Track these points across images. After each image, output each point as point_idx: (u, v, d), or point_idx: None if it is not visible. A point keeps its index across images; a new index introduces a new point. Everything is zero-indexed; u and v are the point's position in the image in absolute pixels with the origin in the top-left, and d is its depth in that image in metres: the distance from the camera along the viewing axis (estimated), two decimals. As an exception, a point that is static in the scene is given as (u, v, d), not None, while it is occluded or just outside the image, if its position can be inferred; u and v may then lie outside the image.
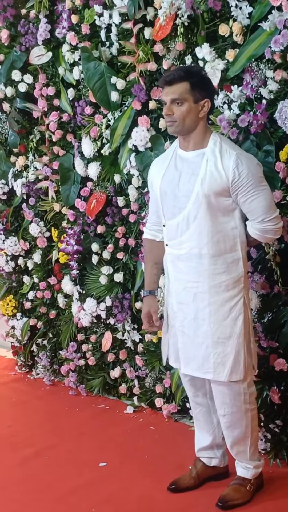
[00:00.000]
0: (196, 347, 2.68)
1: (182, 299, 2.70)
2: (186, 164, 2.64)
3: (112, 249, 4.04)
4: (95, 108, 3.99)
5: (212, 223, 2.58)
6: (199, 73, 2.67)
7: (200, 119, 2.60)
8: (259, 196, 2.56)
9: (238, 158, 2.53)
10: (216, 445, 2.96)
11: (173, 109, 2.58)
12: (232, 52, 3.09)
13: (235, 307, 2.63)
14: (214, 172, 2.55)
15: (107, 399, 4.21)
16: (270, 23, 2.88)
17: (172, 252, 2.71)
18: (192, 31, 3.29)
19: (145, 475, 3.14)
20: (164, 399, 3.80)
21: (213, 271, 2.61)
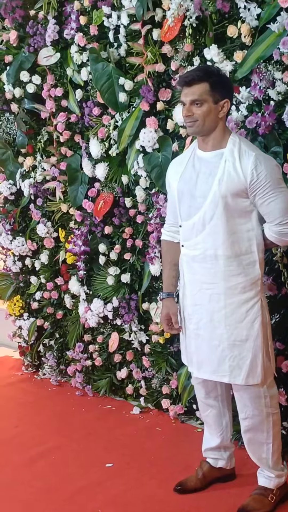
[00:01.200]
0: (212, 350, 2.65)
1: (197, 300, 2.67)
2: (204, 164, 2.62)
3: (119, 250, 4.04)
4: (103, 109, 3.99)
5: (228, 224, 2.55)
6: (218, 73, 2.63)
7: (219, 119, 2.58)
8: (277, 198, 2.52)
9: (257, 159, 2.51)
10: (224, 446, 2.95)
11: (192, 110, 2.55)
12: (240, 54, 3.09)
13: (251, 309, 2.60)
14: (232, 172, 2.52)
15: (114, 400, 4.21)
16: (278, 25, 2.88)
17: (187, 253, 2.69)
18: (201, 32, 3.29)
19: (151, 476, 3.14)
20: (170, 400, 3.80)
21: (229, 273, 2.58)
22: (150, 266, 3.77)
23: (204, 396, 2.90)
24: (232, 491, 2.93)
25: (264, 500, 2.74)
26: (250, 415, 2.70)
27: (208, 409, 2.93)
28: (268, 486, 2.76)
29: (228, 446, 2.97)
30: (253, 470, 2.83)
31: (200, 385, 2.88)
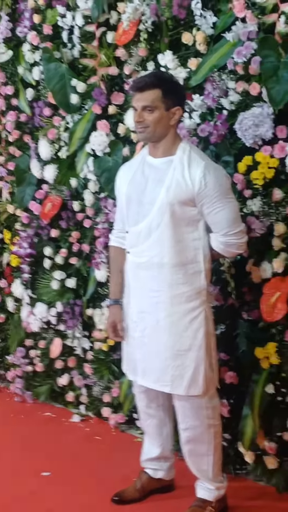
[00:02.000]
0: (155, 359, 2.61)
1: (143, 308, 2.63)
2: (154, 170, 2.59)
3: (66, 254, 3.97)
4: (54, 110, 3.94)
5: (175, 232, 2.52)
6: (171, 79, 2.62)
7: (171, 126, 2.55)
8: (225, 209, 2.51)
9: (206, 168, 2.48)
10: (164, 457, 2.91)
11: (144, 116, 2.52)
12: (194, 61, 3.08)
13: (196, 319, 2.56)
14: (181, 180, 2.49)
15: (54, 407, 4.13)
16: (234, 34, 2.88)
17: (133, 260, 2.65)
18: (156, 37, 3.27)
19: (89, 486, 3.08)
20: (111, 409, 3.75)
21: (175, 281, 2.54)
22: (96, 271, 3.72)
23: (145, 405, 2.86)
24: (171, 503, 2.89)
25: None
26: (191, 426, 2.66)
27: (149, 419, 2.88)
28: (208, 498, 2.73)
29: (168, 457, 2.93)
30: (192, 482, 2.80)
31: (143, 394, 2.83)
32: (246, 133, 2.87)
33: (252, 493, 2.93)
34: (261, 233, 2.89)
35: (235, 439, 3.08)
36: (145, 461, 2.95)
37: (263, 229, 2.87)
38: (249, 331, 2.98)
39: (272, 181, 2.84)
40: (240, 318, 3.01)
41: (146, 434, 2.96)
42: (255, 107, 2.85)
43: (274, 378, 2.89)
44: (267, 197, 2.86)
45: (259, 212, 2.88)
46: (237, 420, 3.03)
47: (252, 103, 2.88)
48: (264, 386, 2.89)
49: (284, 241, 2.84)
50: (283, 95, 2.74)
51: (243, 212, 2.94)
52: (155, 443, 2.90)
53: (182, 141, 2.60)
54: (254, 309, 2.96)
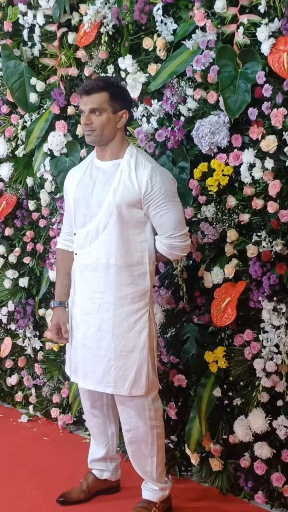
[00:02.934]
0: (97, 360, 2.62)
1: (87, 309, 2.65)
2: (101, 173, 2.62)
3: (19, 253, 3.96)
4: (12, 108, 3.91)
5: (121, 234, 2.56)
6: (118, 84, 2.67)
7: (118, 129, 2.59)
8: (170, 211, 2.56)
9: (152, 170, 2.54)
10: (109, 457, 2.93)
11: (91, 118, 2.55)
12: (154, 66, 3.10)
13: (139, 320, 2.60)
14: (128, 182, 2.54)
15: (2, 407, 4.10)
16: (193, 42, 2.92)
17: (80, 262, 2.67)
18: (116, 41, 3.29)
19: (34, 487, 3.07)
20: (60, 410, 3.74)
21: (120, 282, 2.58)
22: (49, 271, 3.71)
23: (89, 406, 2.87)
24: (116, 503, 2.91)
25: None
26: (134, 426, 2.69)
27: (93, 419, 2.90)
28: (152, 499, 2.75)
29: (114, 458, 2.94)
30: (137, 483, 2.82)
31: (86, 395, 2.85)
32: (202, 140, 2.91)
33: (196, 494, 2.98)
34: (214, 239, 2.93)
35: (181, 441, 3.11)
36: (91, 462, 2.96)
37: (216, 235, 2.92)
38: (199, 335, 3.02)
39: (226, 188, 2.89)
40: (191, 322, 3.05)
41: (91, 435, 2.97)
42: (212, 115, 2.89)
43: (222, 381, 2.94)
44: (220, 204, 2.90)
45: (213, 218, 2.92)
46: (184, 422, 3.07)
47: (210, 111, 2.92)
48: (212, 389, 2.93)
49: (236, 247, 2.89)
50: (239, 104, 2.78)
51: (197, 217, 2.98)
52: (101, 444, 2.91)
53: (130, 145, 2.65)
54: (204, 314, 3.00)
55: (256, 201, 2.80)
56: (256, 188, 2.81)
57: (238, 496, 2.94)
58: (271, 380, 2.77)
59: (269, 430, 2.79)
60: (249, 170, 2.80)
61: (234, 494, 2.96)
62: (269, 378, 2.77)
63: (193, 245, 2.97)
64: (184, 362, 3.08)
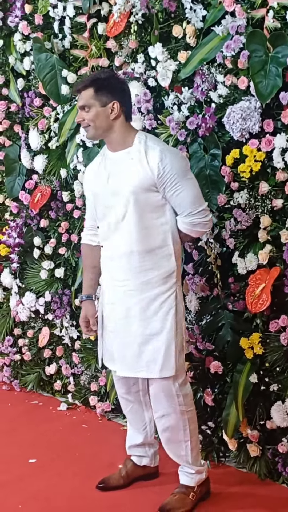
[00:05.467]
0: (127, 347, 2.65)
1: (112, 298, 2.70)
2: (114, 164, 2.66)
3: (55, 244, 4.00)
4: (44, 100, 3.94)
5: (140, 219, 2.59)
6: (105, 76, 2.66)
7: (113, 121, 2.61)
8: (184, 189, 2.58)
9: (161, 152, 2.55)
10: (148, 443, 2.96)
11: (83, 115, 2.62)
12: (184, 54, 3.10)
13: (165, 302, 2.62)
14: (140, 168, 2.57)
15: (41, 396, 4.17)
16: (223, 28, 2.90)
17: (105, 253, 2.72)
18: (146, 30, 3.29)
19: (75, 473, 3.12)
20: (98, 397, 3.79)
21: (142, 268, 2.60)
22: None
23: (125, 392, 2.91)
24: (155, 489, 2.93)
25: (185, 498, 2.73)
26: (165, 413, 2.70)
27: (129, 405, 2.93)
28: (189, 483, 2.77)
29: (152, 443, 2.97)
30: (175, 469, 2.84)
31: (121, 382, 2.88)
32: (233, 126, 2.90)
33: (234, 480, 2.98)
34: (247, 225, 2.92)
35: (218, 427, 3.13)
36: (129, 448, 2.99)
37: (249, 221, 2.91)
38: (234, 321, 3.02)
39: (259, 174, 2.87)
40: (226, 308, 3.05)
41: (128, 421, 3.01)
42: (243, 101, 2.88)
43: (258, 367, 2.94)
44: (253, 190, 2.89)
45: (246, 204, 2.91)
46: (221, 409, 3.08)
47: (240, 96, 2.91)
48: (248, 375, 2.93)
49: (269, 233, 2.87)
50: (270, 89, 2.76)
51: (230, 204, 2.98)
52: (138, 429, 2.95)
53: (138, 132, 2.67)
54: (239, 300, 3.00)
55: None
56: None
57: (277, 481, 2.94)
58: (308, 365, 2.76)
59: (306, 415, 2.78)
60: (281, 155, 2.78)
61: (273, 479, 2.96)
62: (305, 363, 2.76)
63: (226, 231, 2.97)
64: (220, 349, 3.09)
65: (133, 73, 3.34)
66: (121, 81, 2.73)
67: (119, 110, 2.60)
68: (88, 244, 2.91)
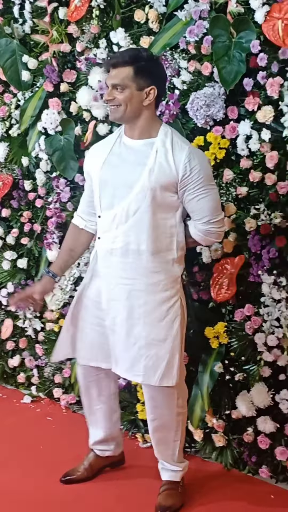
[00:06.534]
0: (127, 348, 2.51)
1: (114, 296, 2.51)
2: (132, 152, 2.45)
3: (17, 234, 3.93)
4: (4, 87, 3.87)
5: (153, 218, 2.41)
6: (147, 58, 2.42)
7: (144, 107, 2.41)
8: (208, 196, 2.42)
9: (190, 153, 2.39)
10: (111, 438, 2.91)
11: (114, 94, 2.39)
12: (147, 39, 3.06)
13: (172, 308, 2.48)
14: (164, 164, 2.38)
15: (5, 388, 4.09)
16: (186, 13, 2.87)
17: (104, 247, 2.50)
18: (108, 14, 3.23)
19: (38, 466, 3.07)
20: (63, 390, 3.73)
21: (151, 269, 2.44)
22: (47, 251, 3.68)
23: (97, 394, 2.81)
24: (119, 482, 2.90)
25: (176, 493, 2.69)
26: (160, 415, 2.61)
27: (99, 405, 2.84)
28: (175, 479, 2.71)
29: (116, 436, 2.93)
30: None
31: (95, 383, 2.76)
32: (197, 113, 2.86)
33: (201, 471, 2.97)
34: (212, 214, 2.89)
35: (184, 418, 3.10)
36: (93, 444, 2.94)
37: (214, 210, 2.88)
38: (199, 311, 2.99)
39: (223, 162, 2.85)
40: (191, 298, 3.02)
41: (92, 420, 2.89)
42: (206, 87, 2.85)
43: (223, 357, 2.92)
44: (217, 178, 2.86)
45: (210, 192, 2.88)
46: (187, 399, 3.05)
47: (204, 83, 2.88)
48: (213, 365, 2.92)
49: (234, 221, 2.85)
50: (234, 75, 2.74)
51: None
52: (103, 428, 2.87)
53: (163, 124, 2.49)
54: (204, 290, 2.98)
55: (253, 174, 2.77)
56: (254, 161, 2.78)
57: (243, 471, 2.94)
58: (273, 354, 2.75)
59: (272, 404, 2.78)
60: (245, 142, 2.77)
61: (239, 469, 2.95)
62: (270, 352, 2.75)
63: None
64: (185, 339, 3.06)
65: (96, 58, 3.28)
66: (160, 64, 2.54)
67: (154, 97, 2.40)
68: (75, 225, 2.70)
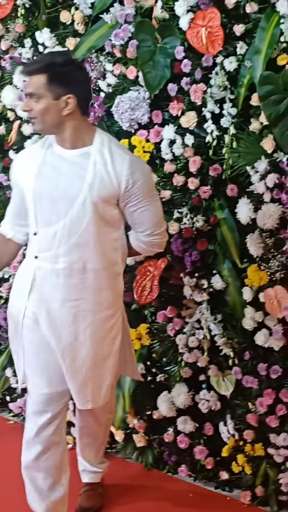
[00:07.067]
0: (74, 374, 2.28)
1: (57, 320, 2.27)
2: (67, 163, 2.24)
3: None
4: None
5: (97, 233, 2.23)
6: (62, 63, 2.17)
7: (66, 117, 2.18)
8: (150, 208, 2.28)
9: (131, 164, 2.21)
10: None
11: (31, 105, 2.19)
12: (72, 41, 3.05)
13: (115, 325, 2.35)
14: (105, 176, 2.20)
15: None
16: (111, 16, 2.87)
17: (45, 266, 2.26)
18: (34, 14, 3.20)
19: None
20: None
21: (98, 286, 2.27)
22: None
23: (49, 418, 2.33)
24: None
25: (96, 494, 2.69)
26: (88, 423, 2.58)
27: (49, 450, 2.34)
28: (95, 480, 2.72)
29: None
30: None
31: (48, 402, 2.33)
32: (122, 116, 2.88)
33: (121, 471, 2.98)
34: (135, 216, 2.92)
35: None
36: None
37: (137, 212, 2.90)
38: (122, 312, 3.01)
39: (147, 165, 2.87)
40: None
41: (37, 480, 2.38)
42: (131, 91, 2.87)
43: (145, 358, 2.95)
44: (141, 181, 2.88)
45: (134, 195, 2.90)
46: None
47: (129, 86, 2.90)
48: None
49: (157, 225, 2.88)
50: (159, 80, 2.77)
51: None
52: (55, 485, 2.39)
53: (97, 131, 2.28)
54: (127, 291, 2.99)
55: (177, 178, 2.81)
56: (177, 165, 2.81)
57: (162, 471, 2.98)
58: (194, 355, 2.80)
59: (191, 404, 2.83)
60: (169, 146, 2.80)
61: (159, 469, 2.99)
62: (191, 353, 2.80)
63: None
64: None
65: (20, 58, 3.25)
66: (80, 68, 2.27)
67: (74, 105, 2.17)
68: (2, 234, 2.43)
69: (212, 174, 2.73)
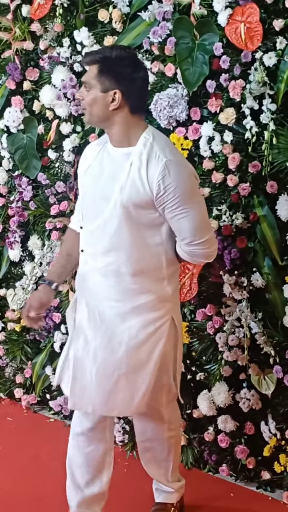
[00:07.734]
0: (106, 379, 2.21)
1: (93, 317, 2.24)
2: (110, 162, 2.20)
3: (-21, 233, 3.87)
4: None
5: (132, 237, 2.15)
6: (114, 57, 2.13)
7: (114, 112, 2.13)
8: (187, 215, 2.14)
9: (166, 167, 2.08)
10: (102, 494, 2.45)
11: (83, 93, 2.17)
12: (110, 39, 3.05)
13: (158, 330, 2.23)
14: (137, 180, 2.11)
15: None
16: (149, 14, 2.87)
17: (89, 261, 2.25)
18: (72, 13, 3.22)
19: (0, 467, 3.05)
20: (24, 390, 3.70)
21: (135, 291, 2.19)
22: (9, 251, 3.65)
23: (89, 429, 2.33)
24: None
25: None
26: (147, 438, 2.47)
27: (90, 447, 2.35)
28: (169, 501, 2.57)
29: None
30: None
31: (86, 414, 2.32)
32: (161, 113, 2.87)
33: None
34: (174, 214, 2.91)
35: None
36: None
37: (176, 210, 2.89)
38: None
39: (186, 163, 2.86)
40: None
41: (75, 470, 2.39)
42: (170, 88, 2.86)
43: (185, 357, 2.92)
44: (180, 178, 2.87)
45: (173, 193, 2.89)
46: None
47: (168, 84, 2.89)
48: (175, 365, 2.93)
49: (196, 222, 2.86)
50: (197, 77, 2.76)
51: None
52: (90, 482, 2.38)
53: (146, 130, 2.18)
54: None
55: (216, 175, 2.79)
56: (216, 162, 2.80)
57: (203, 470, 2.96)
58: (234, 353, 2.78)
59: (232, 403, 2.81)
60: (208, 143, 2.78)
61: (199, 468, 2.97)
62: (231, 352, 2.78)
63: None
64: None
65: (59, 57, 3.27)
66: (134, 65, 2.16)
67: (120, 101, 2.11)
68: (71, 229, 2.43)
69: (251, 170, 2.70)
